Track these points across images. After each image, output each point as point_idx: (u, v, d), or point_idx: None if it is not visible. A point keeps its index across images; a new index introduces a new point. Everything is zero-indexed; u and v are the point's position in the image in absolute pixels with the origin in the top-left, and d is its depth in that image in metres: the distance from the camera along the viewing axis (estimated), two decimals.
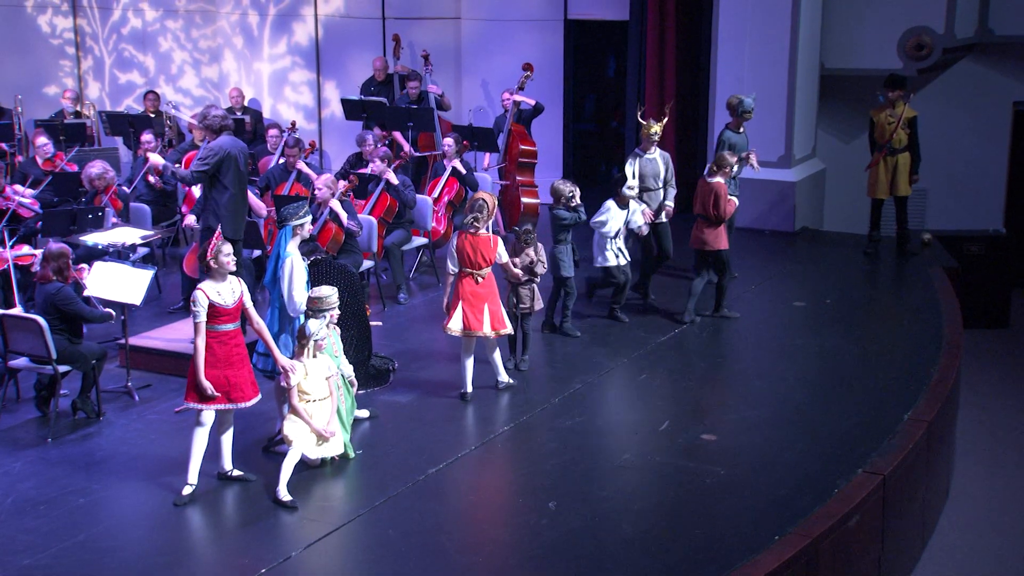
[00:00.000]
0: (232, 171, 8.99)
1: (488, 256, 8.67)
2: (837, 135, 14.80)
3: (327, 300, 7.65)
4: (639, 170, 10.60)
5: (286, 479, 7.25)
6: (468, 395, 8.80)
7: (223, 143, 8.99)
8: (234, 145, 9.06)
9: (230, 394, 7.23)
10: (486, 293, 8.71)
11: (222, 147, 8.96)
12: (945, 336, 10.08)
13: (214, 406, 7.22)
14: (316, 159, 14.18)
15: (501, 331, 8.76)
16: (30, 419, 8.54)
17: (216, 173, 8.96)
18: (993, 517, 9.53)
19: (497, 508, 7.44)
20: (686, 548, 6.68)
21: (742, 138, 11.31)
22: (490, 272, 8.76)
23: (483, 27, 15.29)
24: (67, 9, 16.89)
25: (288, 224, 7.90)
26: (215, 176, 8.97)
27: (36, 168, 12.22)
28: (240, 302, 7.27)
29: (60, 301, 8.32)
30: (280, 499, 7.18)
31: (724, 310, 10.62)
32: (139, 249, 10.73)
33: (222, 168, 8.96)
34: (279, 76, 16.09)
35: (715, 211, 10.21)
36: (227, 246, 7.27)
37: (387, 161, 11.27)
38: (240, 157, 9.07)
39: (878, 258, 12.63)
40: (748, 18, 13.33)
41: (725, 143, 11.20)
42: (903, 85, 12.27)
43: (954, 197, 14.81)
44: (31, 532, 6.84)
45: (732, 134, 11.34)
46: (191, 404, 7.24)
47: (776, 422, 8.50)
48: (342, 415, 7.71)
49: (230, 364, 7.22)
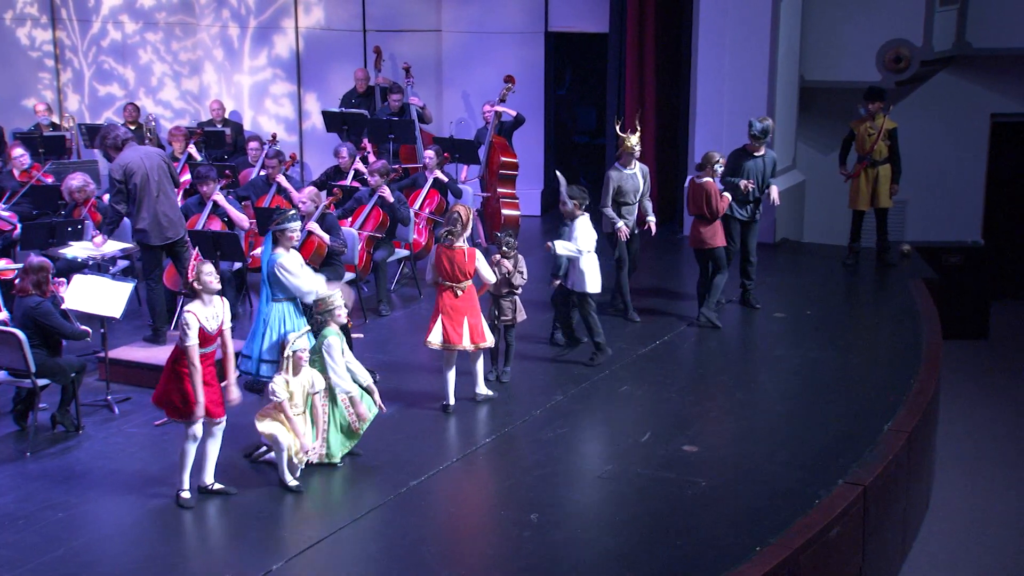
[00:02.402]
0: (139, 181, 9.52)
1: (466, 269, 8.66)
2: (817, 147, 14.86)
3: (329, 301, 7.68)
4: (621, 185, 10.55)
5: (286, 468, 7.41)
6: (450, 407, 8.79)
7: (123, 157, 9.58)
8: (135, 154, 9.60)
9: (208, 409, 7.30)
10: (465, 306, 8.70)
11: (123, 161, 9.55)
12: (925, 347, 10.12)
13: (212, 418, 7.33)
14: (296, 171, 14.15)
15: (481, 344, 8.76)
16: (8, 433, 8.49)
17: (127, 186, 9.52)
18: (973, 527, 9.57)
19: (479, 520, 7.43)
20: (667, 559, 6.68)
21: (755, 162, 11.07)
22: (471, 285, 8.76)
23: (464, 39, 15.31)
24: (46, 21, 16.82)
25: (269, 229, 7.98)
26: (127, 189, 9.53)
27: (12, 180, 12.15)
28: (220, 328, 7.37)
29: (39, 315, 8.28)
30: (288, 484, 7.38)
31: (705, 314, 10.67)
32: (119, 262, 10.68)
33: (130, 180, 9.50)
34: (260, 88, 16.07)
35: (709, 209, 10.44)
36: (207, 265, 7.34)
37: (385, 176, 11.22)
38: (147, 164, 9.57)
39: (858, 269, 12.68)
40: (728, 31, 13.37)
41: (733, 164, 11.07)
42: (883, 97, 12.33)
43: (933, 208, 14.90)
44: (9, 546, 6.79)
45: (742, 155, 11.16)
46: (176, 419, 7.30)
47: (757, 433, 8.51)
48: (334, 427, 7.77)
49: (206, 383, 7.28)
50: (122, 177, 9.57)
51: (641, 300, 11.19)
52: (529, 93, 14.68)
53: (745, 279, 11.28)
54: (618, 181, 10.52)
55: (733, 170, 10.97)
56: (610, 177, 10.56)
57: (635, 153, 10.56)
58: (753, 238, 11.20)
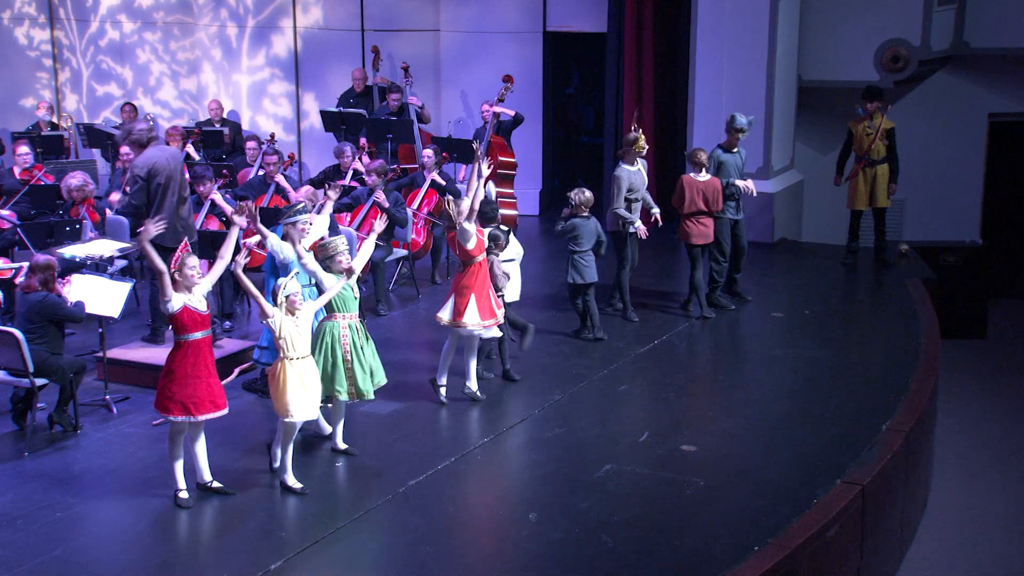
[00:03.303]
0: (163, 182, 9.36)
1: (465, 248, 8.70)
2: (815, 147, 14.87)
3: (332, 246, 7.72)
4: (632, 183, 10.63)
5: (289, 465, 7.32)
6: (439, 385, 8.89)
7: (150, 155, 9.38)
8: (161, 154, 9.41)
9: (199, 407, 7.21)
10: (474, 284, 8.68)
11: (148, 157, 9.34)
12: (923, 346, 10.13)
13: (191, 416, 7.22)
14: (295, 171, 14.15)
15: (487, 322, 8.72)
16: (6, 432, 8.47)
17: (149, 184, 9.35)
18: (971, 527, 9.58)
19: (478, 520, 7.43)
20: (666, 559, 6.69)
21: (734, 157, 11.19)
22: (479, 263, 8.73)
23: (462, 39, 15.30)
24: (44, 21, 16.81)
25: (280, 223, 8.06)
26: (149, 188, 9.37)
27: (12, 179, 12.14)
28: (208, 313, 7.32)
29: (46, 309, 8.29)
30: (289, 485, 7.30)
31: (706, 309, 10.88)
32: (117, 262, 10.68)
33: (153, 180, 9.34)
34: (258, 88, 16.06)
35: (715, 205, 10.80)
36: (192, 259, 7.31)
37: (383, 176, 11.20)
38: (171, 165, 9.42)
39: (856, 269, 12.69)
40: (726, 31, 13.38)
41: (714, 160, 11.17)
42: (880, 96, 12.34)
43: (931, 208, 14.91)
44: (7, 546, 6.78)
45: (722, 152, 11.24)
46: (170, 417, 7.24)
47: (755, 433, 8.52)
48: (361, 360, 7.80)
49: (198, 376, 7.23)
50: (145, 175, 9.41)
51: (640, 300, 11.19)
52: (527, 93, 14.68)
53: (736, 273, 11.43)
54: (629, 179, 10.59)
55: (717, 169, 11.09)
56: (620, 177, 10.61)
57: (643, 152, 10.71)
58: (744, 234, 11.35)
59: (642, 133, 10.73)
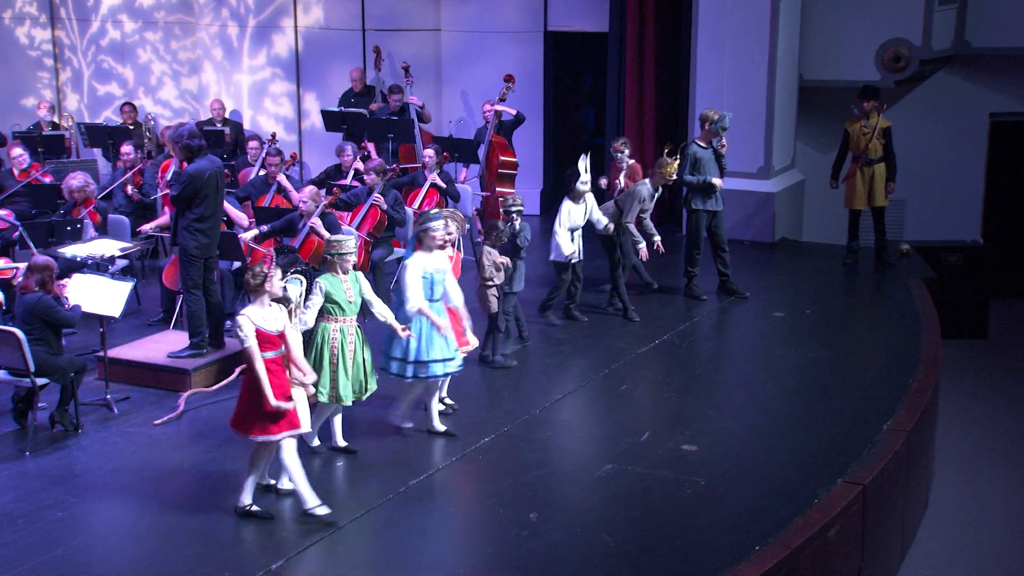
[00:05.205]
0: (210, 193, 9.06)
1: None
2: (816, 146, 14.87)
3: (343, 244, 7.68)
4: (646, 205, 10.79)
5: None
6: None
7: (201, 167, 9.03)
8: (211, 166, 9.09)
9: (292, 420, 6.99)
10: None
11: (200, 171, 9.00)
12: (924, 346, 10.13)
13: (283, 433, 6.97)
14: (296, 171, 14.14)
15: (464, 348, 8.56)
16: (8, 432, 8.48)
17: (193, 196, 9.00)
18: (972, 526, 9.58)
19: (478, 519, 7.42)
20: (666, 559, 6.69)
21: (707, 152, 11.29)
22: None
23: (463, 39, 15.30)
24: (45, 21, 16.82)
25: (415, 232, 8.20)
26: (192, 197, 9.01)
27: (11, 179, 12.15)
28: (284, 331, 7.02)
29: (42, 310, 8.29)
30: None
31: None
32: (118, 261, 10.68)
33: (200, 192, 9.01)
34: (259, 88, 16.06)
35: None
36: (279, 272, 7.10)
37: (382, 175, 11.19)
38: (219, 177, 9.14)
39: (857, 269, 12.69)
40: (727, 30, 13.38)
41: (689, 157, 11.23)
42: (877, 95, 12.34)
43: (932, 208, 14.90)
44: (8, 546, 6.79)
45: (697, 148, 11.31)
46: (261, 437, 6.94)
47: (756, 432, 8.52)
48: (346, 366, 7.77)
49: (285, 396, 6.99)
50: (196, 187, 8.99)
51: (640, 300, 11.20)
52: (528, 93, 14.68)
53: (723, 267, 11.47)
54: (647, 199, 10.76)
55: (694, 166, 11.21)
56: (641, 194, 10.73)
57: (670, 181, 10.89)
58: (723, 226, 11.43)
59: (676, 161, 10.82)
